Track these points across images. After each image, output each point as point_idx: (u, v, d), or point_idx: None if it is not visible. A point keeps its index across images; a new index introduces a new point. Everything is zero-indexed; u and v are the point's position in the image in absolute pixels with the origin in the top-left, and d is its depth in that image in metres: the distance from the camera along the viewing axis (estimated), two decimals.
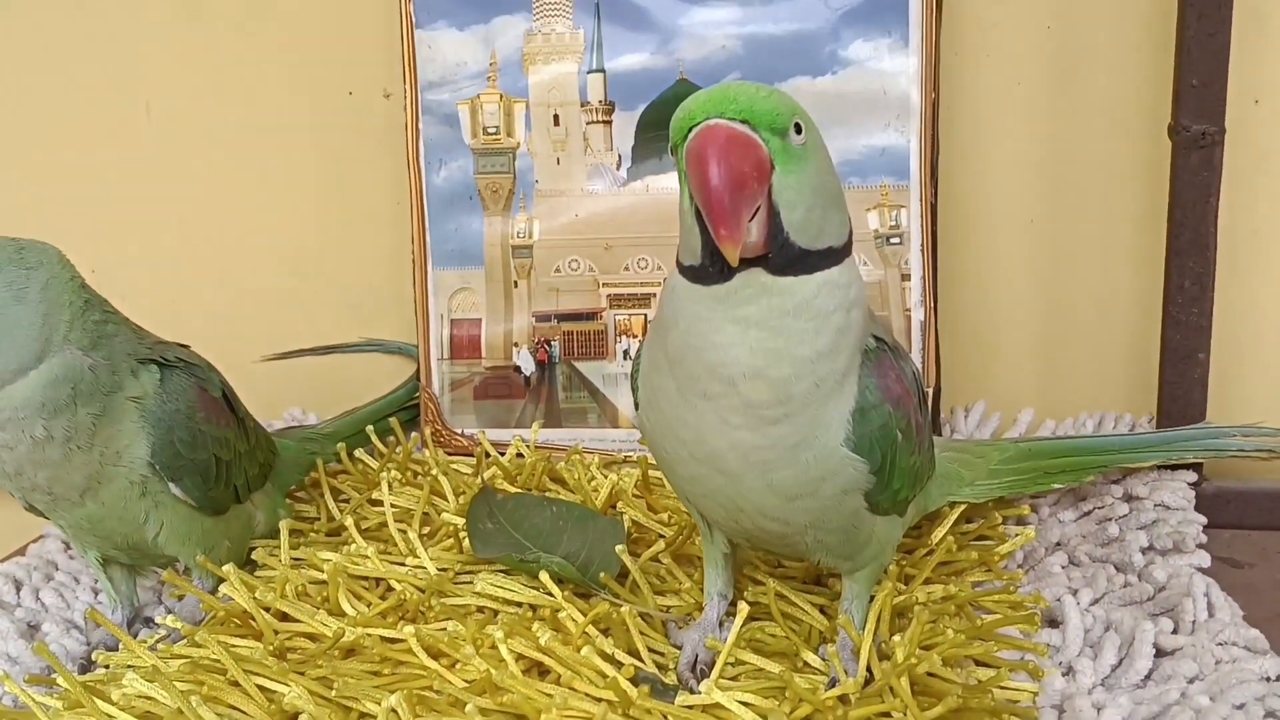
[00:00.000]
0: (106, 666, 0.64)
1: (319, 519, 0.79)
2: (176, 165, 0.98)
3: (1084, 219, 0.85)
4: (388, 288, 0.95)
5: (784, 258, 0.51)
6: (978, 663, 0.60)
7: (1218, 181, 0.76)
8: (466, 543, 0.71)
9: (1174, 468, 0.77)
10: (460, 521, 0.73)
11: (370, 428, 0.86)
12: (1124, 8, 0.82)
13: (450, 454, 0.88)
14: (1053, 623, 0.64)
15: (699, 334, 0.53)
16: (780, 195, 0.50)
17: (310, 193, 0.96)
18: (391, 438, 0.87)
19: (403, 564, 0.72)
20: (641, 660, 0.61)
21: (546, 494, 0.79)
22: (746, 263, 0.51)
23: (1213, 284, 0.78)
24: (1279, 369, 0.85)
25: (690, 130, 0.50)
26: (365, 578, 0.70)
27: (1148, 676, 0.59)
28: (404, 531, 0.75)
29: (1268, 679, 0.57)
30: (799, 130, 0.51)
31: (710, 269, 0.52)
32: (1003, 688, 0.58)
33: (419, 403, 0.90)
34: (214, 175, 0.98)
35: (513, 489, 0.79)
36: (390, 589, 0.69)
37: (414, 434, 0.89)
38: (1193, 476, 0.78)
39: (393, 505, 0.78)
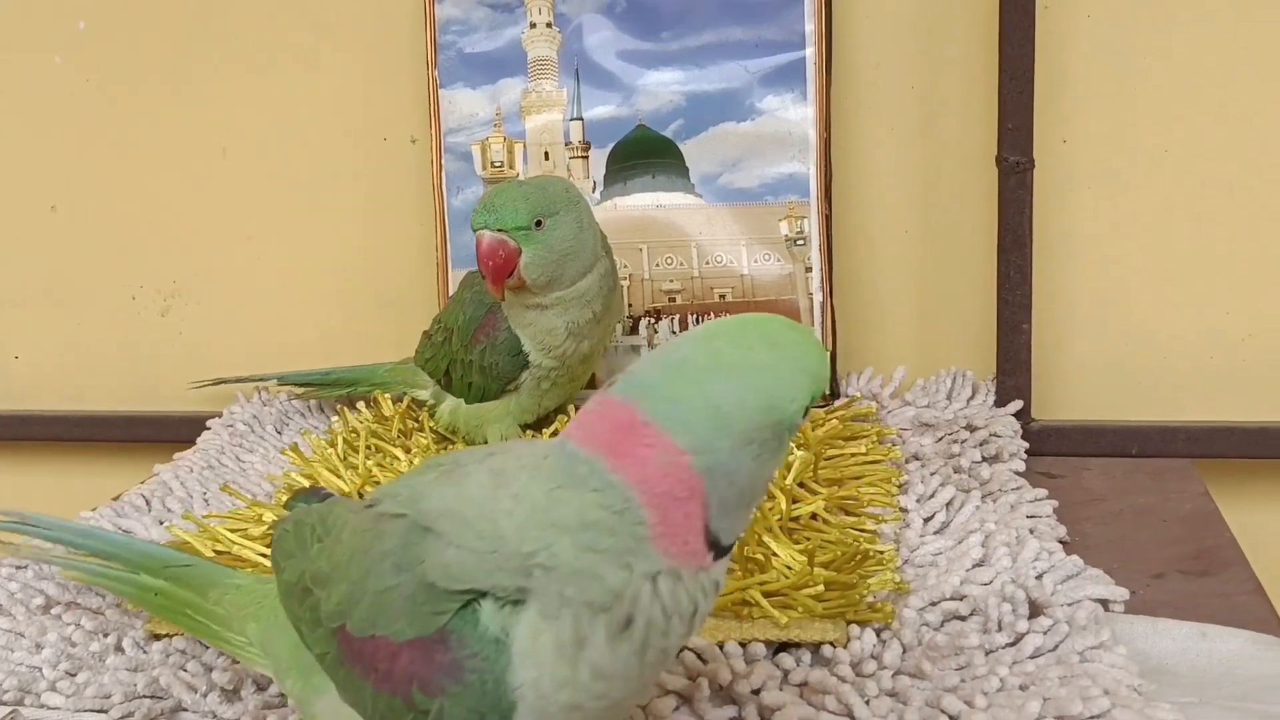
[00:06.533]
0: None
1: None
2: (247, 196, 1.25)
3: (942, 228, 1.13)
4: (415, 288, 1.22)
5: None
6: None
7: (1030, 197, 1.04)
8: None
9: None
10: None
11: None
12: (967, 75, 1.10)
13: None
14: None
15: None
16: None
17: (352, 214, 1.23)
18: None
19: None
20: None
21: None
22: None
23: (1030, 272, 1.05)
24: (1089, 336, 1.12)
25: None
26: None
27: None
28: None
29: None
30: None
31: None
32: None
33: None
34: (277, 203, 1.24)
35: None
36: None
37: None
38: None
39: None
